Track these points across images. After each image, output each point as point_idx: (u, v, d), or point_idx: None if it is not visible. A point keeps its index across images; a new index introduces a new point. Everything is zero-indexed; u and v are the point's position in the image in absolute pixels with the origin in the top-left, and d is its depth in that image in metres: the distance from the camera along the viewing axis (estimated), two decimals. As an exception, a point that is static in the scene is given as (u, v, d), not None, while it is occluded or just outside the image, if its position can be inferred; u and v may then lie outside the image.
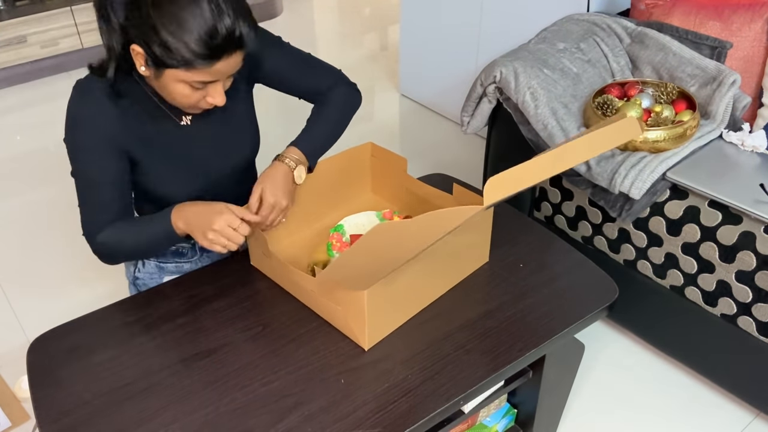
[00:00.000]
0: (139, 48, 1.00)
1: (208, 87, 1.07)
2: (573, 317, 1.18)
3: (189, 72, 1.01)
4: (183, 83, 1.04)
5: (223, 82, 1.08)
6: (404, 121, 3.16)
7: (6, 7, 3.45)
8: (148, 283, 1.38)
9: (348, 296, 1.06)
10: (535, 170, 0.82)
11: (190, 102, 1.08)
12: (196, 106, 1.10)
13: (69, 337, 1.16)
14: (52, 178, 2.80)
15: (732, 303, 1.58)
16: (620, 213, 1.66)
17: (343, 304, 1.08)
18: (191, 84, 1.04)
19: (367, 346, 1.11)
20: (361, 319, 1.07)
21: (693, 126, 1.63)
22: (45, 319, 1.38)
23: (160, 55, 0.99)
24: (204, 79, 1.03)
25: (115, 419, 1.01)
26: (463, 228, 1.10)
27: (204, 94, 1.07)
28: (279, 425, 1.00)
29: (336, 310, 1.10)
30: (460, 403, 1.06)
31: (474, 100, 1.91)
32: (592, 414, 1.76)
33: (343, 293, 1.07)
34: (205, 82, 1.04)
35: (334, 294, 1.08)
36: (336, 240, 1.22)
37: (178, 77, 1.02)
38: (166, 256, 1.36)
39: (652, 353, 1.91)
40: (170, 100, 1.10)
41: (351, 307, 1.07)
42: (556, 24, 2.03)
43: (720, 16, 1.81)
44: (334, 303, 1.09)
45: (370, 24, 4.27)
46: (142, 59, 1.02)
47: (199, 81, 1.03)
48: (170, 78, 1.03)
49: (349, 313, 1.08)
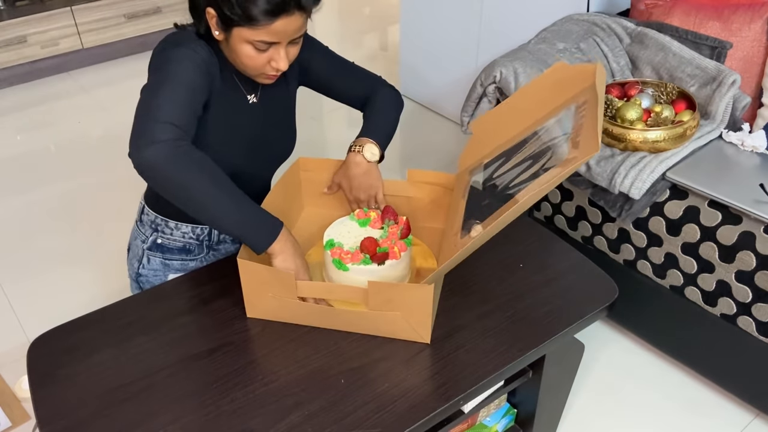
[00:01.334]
0: (212, 10, 1.09)
1: (271, 50, 1.13)
2: (573, 317, 1.18)
3: (252, 30, 1.08)
4: (248, 44, 1.11)
5: (286, 48, 1.13)
6: (404, 121, 3.14)
7: (6, 7, 3.45)
8: (151, 281, 1.38)
9: (406, 299, 1.08)
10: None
11: (256, 65, 1.14)
12: (261, 71, 1.16)
13: (69, 337, 1.16)
14: (52, 178, 2.80)
15: (732, 303, 1.58)
16: (620, 213, 1.67)
17: (401, 309, 1.09)
18: (255, 45, 1.10)
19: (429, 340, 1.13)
20: (425, 314, 1.09)
21: (693, 126, 1.63)
22: (45, 319, 1.38)
23: (228, 13, 1.07)
24: (266, 38, 1.09)
25: (115, 419, 1.01)
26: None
27: (268, 58, 1.14)
28: (279, 425, 1.00)
29: (393, 317, 1.10)
30: (460, 403, 1.06)
31: (474, 100, 1.91)
32: (592, 414, 1.76)
33: (400, 299, 1.08)
34: (268, 42, 1.10)
35: (390, 303, 1.09)
36: (341, 254, 1.20)
37: (243, 36, 1.10)
38: (172, 252, 1.36)
39: (652, 353, 1.91)
40: (239, 65, 1.16)
41: (413, 307, 1.08)
42: (556, 24, 2.03)
43: (720, 16, 1.81)
44: (391, 311, 1.10)
45: (370, 24, 4.27)
46: (214, 21, 1.11)
47: (262, 41, 1.10)
48: (237, 38, 1.10)
49: (412, 314, 1.09)
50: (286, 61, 1.15)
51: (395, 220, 1.28)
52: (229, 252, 1.41)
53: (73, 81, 3.59)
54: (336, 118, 3.15)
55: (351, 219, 1.30)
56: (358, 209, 1.32)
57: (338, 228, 1.27)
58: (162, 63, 1.11)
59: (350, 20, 4.34)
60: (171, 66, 1.09)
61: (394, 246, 1.19)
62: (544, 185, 0.97)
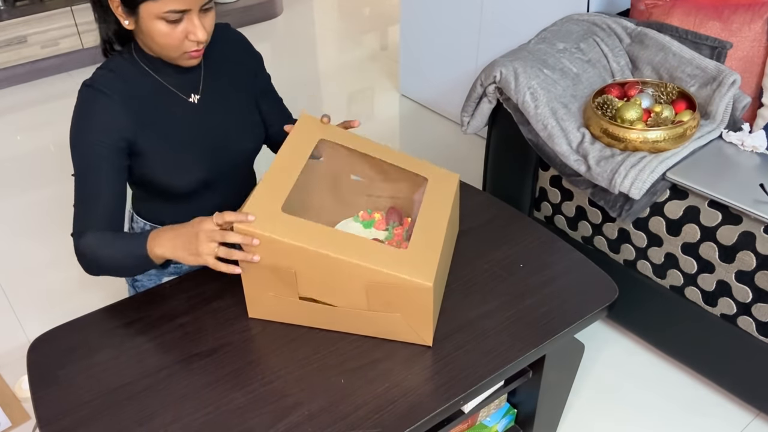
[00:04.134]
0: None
1: (185, 22, 1.09)
2: (573, 317, 1.18)
3: (157, 2, 1.05)
4: (159, 20, 1.07)
5: (200, 17, 1.10)
6: (404, 121, 3.16)
7: (6, 7, 3.45)
8: (147, 285, 1.38)
9: (405, 299, 1.06)
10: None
11: (173, 42, 1.10)
12: (182, 49, 1.12)
13: (69, 337, 1.16)
14: (52, 178, 2.80)
15: (732, 303, 1.58)
16: (620, 213, 1.67)
17: (401, 309, 1.08)
18: (166, 17, 1.07)
19: (431, 342, 1.12)
20: (426, 314, 1.07)
21: (693, 126, 1.63)
22: (45, 319, 1.38)
23: None
24: (175, 6, 1.06)
25: (115, 419, 1.01)
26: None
27: (184, 32, 1.10)
28: (279, 425, 1.00)
29: (393, 318, 1.09)
30: (460, 403, 1.06)
31: (474, 100, 1.91)
32: (592, 414, 1.76)
33: (399, 300, 1.06)
34: (178, 11, 1.07)
35: (390, 305, 1.08)
36: None
37: (152, 12, 1.06)
38: None
39: (652, 353, 1.91)
40: (158, 48, 1.13)
41: (412, 308, 1.07)
42: (556, 24, 2.03)
43: (720, 16, 1.81)
44: (392, 312, 1.09)
45: (370, 24, 4.27)
46: (120, 9, 1.08)
47: (171, 10, 1.06)
48: (147, 18, 1.07)
49: (411, 314, 1.08)
50: (203, 29, 1.11)
51: (400, 222, 1.28)
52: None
53: (73, 81, 3.59)
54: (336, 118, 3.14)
55: (355, 221, 1.30)
56: (362, 211, 1.32)
57: (343, 229, 1.27)
58: (76, 154, 1.14)
59: (350, 20, 4.34)
60: (82, 165, 1.14)
61: (400, 247, 1.19)
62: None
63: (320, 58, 3.80)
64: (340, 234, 1.09)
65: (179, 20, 1.09)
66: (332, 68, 3.65)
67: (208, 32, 1.13)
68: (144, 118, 1.17)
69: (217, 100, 1.26)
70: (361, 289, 1.07)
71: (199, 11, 1.10)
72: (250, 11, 4.14)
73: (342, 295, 1.10)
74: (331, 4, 4.60)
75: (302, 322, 1.16)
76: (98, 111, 1.13)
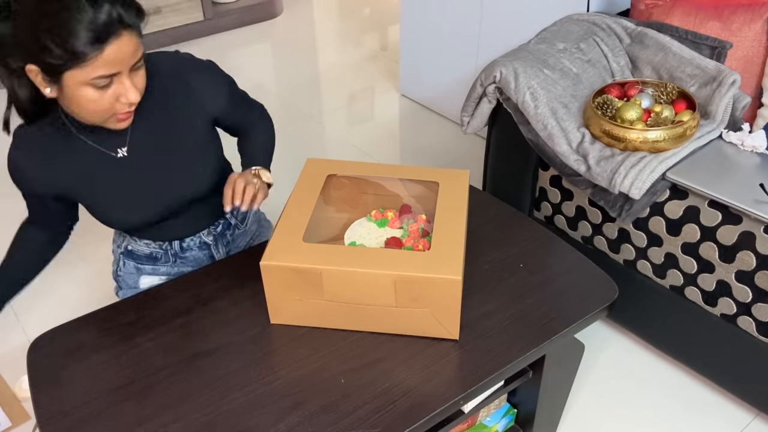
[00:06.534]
0: (33, 66, 0.96)
1: (114, 85, 1.01)
2: (573, 317, 1.18)
3: (85, 68, 0.95)
4: (86, 86, 0.98)
5: (130, 77, 1.02)
6: (404, 121, 3.16)
7: (6, 7, 3.44)
8: (127, 281, 1.41)
9: (433, 294, 1.07)
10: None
11: (103, 107, 1.02)
12: (112, 112, 1.05)
13: (69, 337, 1.17)
14: (52, 178, 2.79)
15: (732, 303, 1.58)
16: (620, 213, 1.67)
17: (430, 305, 1.09)
18: (94, 84, 0.98)
19: (458, 335, 1.13)
20: (454, 309, 1.09)
21: (693, 126, 1.63)
22: (45, 319, 1.38)
23: (50, 60, 0.94)
24: (104, 72, 0.97)
25: (115, 419, 1.01)
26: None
27: (115, 95, 1.02)
28: (279, 425, 1.00)
29: (421, 314, 1.10)
30: (460, 403, 1.06)
31: (474, 100, 1.91)
32: (592, 414, 1.76)
33: (428, 295, 1.08)
34: (107, 75, 0.98)
35: (419, 301, 1.09)
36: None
37: (78, 80, 0.97)
38: (141, 258, 1.38)
39: (652, 353, 1.91)
40: (85, 115, 1.04)
41: (441, 303, 1.08)
42: (556, 24, 2.03)
43: (720, 16, 1.81)
44: (420, 308, 1.10)
45: (370, 24, 4.27)
46: (39, 78, 0.98)
47: (100, 76, 0.97)
48: (72, 85, 0.98)
49: (440, 309, 1.09)
50: (134, 90, 1.02)
51: (414, 219, 1.28)
52: (196, 258, 1.40)
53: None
54: (336, 118, 3.15)
55: (369, 220, 1.30)
56: (374, 210, 1.32)
57: (357, 230, 1.27)
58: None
59: (350, 20, 4.34)
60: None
61: (418, 244, 1.19)
62: None
63: (320, 58, 3.80)
64: (363, 250, 1.12)
65: (108, 84, 1.00)
66: (332, 68, 3.65)
67: (140, 91, 1.05)
68: (68, 177, 1.16)
69: (149, 150, 1.18)
70: (390, 286, 1.07)
71: (129, 71, 1.01)
72: (250, 11, 4.14)
73: (369, 293, 1.10)
74: (331, 4, 4.61)
75: (327, 324, 1.16)
76: (23, 168, 1.15)
